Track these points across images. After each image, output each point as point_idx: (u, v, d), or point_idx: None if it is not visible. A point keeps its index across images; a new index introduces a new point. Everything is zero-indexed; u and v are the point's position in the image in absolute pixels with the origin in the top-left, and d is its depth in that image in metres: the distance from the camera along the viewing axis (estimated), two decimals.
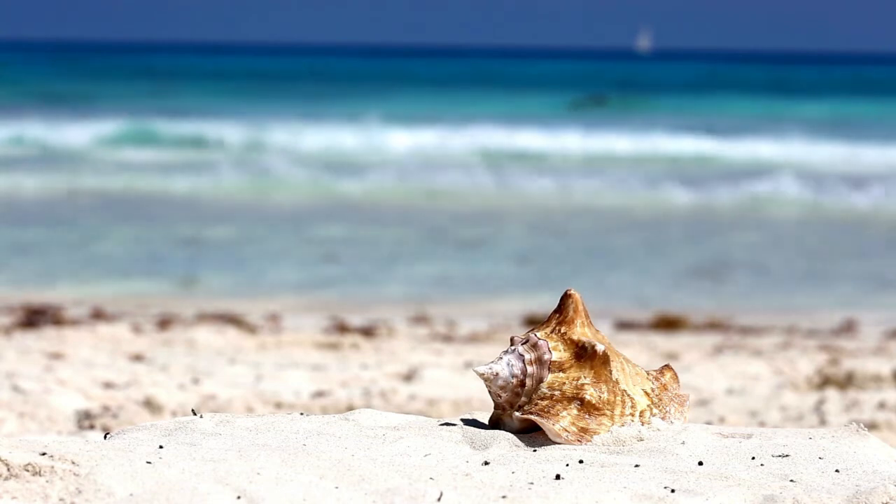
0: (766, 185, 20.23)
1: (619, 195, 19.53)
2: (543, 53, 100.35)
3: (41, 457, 2.75)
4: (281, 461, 2.84)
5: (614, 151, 25.58)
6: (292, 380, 6.65)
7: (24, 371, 6.56)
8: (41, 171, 21.48)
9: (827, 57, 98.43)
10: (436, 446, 3.03)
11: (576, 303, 3.18)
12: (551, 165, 24.00)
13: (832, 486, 2.82)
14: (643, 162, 24.36)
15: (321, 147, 26.15)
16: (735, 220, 17.19)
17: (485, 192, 19.93)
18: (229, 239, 14.55)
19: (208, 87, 48.07)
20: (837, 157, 24.99)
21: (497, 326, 9.36)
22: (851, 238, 15.83)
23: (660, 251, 14.17)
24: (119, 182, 20.17)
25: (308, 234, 15.10)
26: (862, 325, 9.75)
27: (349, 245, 14.27)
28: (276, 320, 9.38)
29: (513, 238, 15.14)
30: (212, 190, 19.72)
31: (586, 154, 25.31)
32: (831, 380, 6.91)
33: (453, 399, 6.17)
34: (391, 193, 19.50)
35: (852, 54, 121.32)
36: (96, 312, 9.27)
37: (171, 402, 5.77)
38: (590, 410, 3.10)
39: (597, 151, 25.51)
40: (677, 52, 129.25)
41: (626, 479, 2.83)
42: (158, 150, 25.17)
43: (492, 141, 26.91)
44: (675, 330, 9.37)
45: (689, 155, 25.33)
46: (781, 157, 24.87)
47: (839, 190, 20.09)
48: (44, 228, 15.26)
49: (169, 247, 13.81)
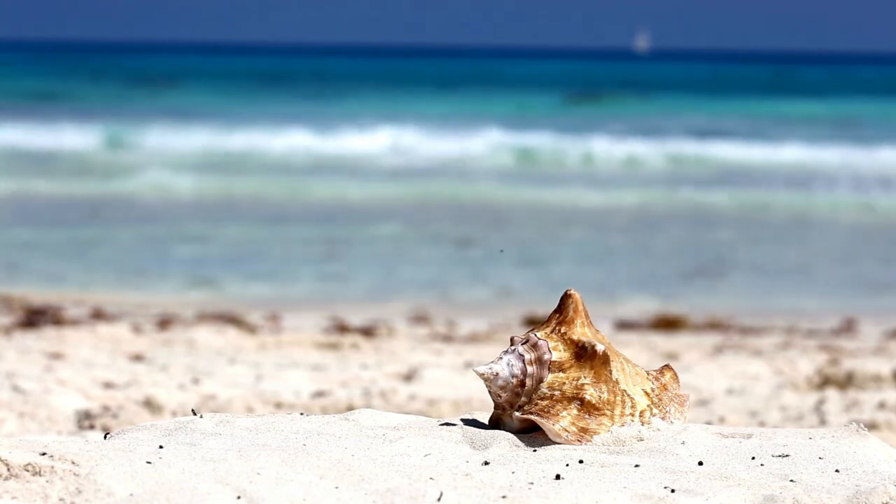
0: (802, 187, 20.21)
1: (609, 195, 19.53)
2: (541, 53, 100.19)
3: (41, 457, 2.75)
4: (281, 461, 2.84)
5: (599, 152, 25.53)
6: (292, 380, 6.65)
7: (24, 371, 6.56)
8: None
9: (827, 57, 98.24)
10: (436, 446, 3.03)
11: (576, 303, 3.18)
12: (547, 164, 24.00)
13: (832, 486, 2.82)
14: (628, 162, 24.32)
15: (319, 147, 26.14)
16: (732, 220, 17.20)
17: (484, 190, 19.93)
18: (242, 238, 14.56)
19: (210, 86, 48.04)
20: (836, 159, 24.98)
21: (497, 326, 9.36)
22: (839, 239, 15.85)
23: (649, 249, 14.17)
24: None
25: (307, 234, 15.10)
26: (862, 325, 9.75)
27: (348, 245, 14.27)
28: (276, 320, 9.38)
29: (512, 237, 15.14)
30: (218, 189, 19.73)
31: (580, 153, 25.27)
32: (831, 380, 6.91)
33: (453, 399, 6.17)
34: (389, 193, 19.49)
35: (853, 54, 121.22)
36: (96, 312, 9.27)
37: (171, 402, 5.77)
38: (590, 410, 3.10)
39: (586, 151, 25.46)
40: (676, 52, 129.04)
41: (626, 479, 2.83)
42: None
43: (492, 140, 26.90)
44: (675, 330, 9.37)
45: (677, 154, 25.29)
46: (777, 158, 24.86)
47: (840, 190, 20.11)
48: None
49: (183, 247, 13.81)
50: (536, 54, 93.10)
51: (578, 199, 19.06)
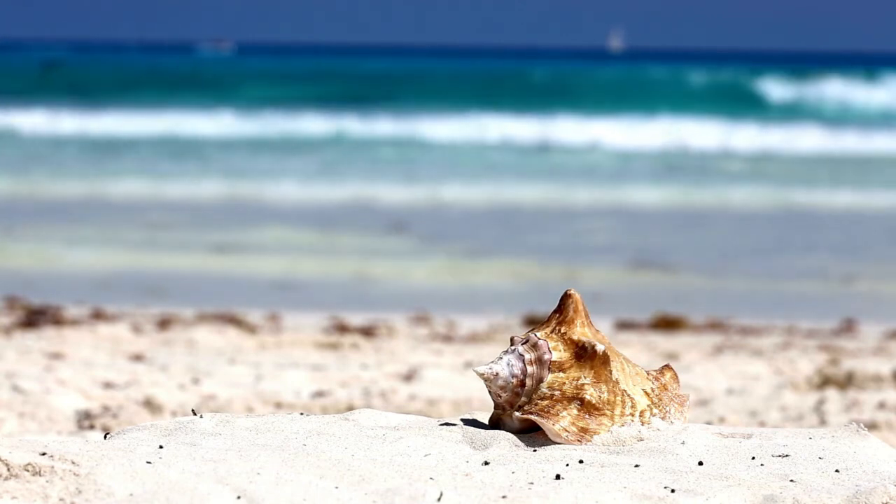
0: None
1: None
2: (512, 52, 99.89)
3: (41, 457, 2.75)
4: (281, 461, 2.84)
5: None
6: (292, 380, 6.64)
7: (24, 371, 6.56)
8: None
9: (800, 56, 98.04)
10: (436, 446, 3.03)
11: (576, 303, 3.18)
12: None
13: (832, 486, 2.82)
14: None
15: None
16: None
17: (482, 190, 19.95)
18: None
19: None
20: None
21: (497, 326, 9.36)
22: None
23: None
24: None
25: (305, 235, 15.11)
26: (862, 325, 9.75)
27: (350, 243, 14.28)
28: (276, 320, 9.38)
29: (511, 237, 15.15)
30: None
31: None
32: (831, 380, 6.91)
33: (453, 399, 6.17)
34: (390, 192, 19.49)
35: (825, 53, 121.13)
36: (96, 312, 9.27)
37: (171, 402, 5.77)
38: (590, 410, 3.10)
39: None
40: (649, 51, 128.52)
41: (626, 479, 2.83)
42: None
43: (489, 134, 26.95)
44: (675, 330, 9.37)
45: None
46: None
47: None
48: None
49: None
50: (507, 53, 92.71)
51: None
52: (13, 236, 14.29)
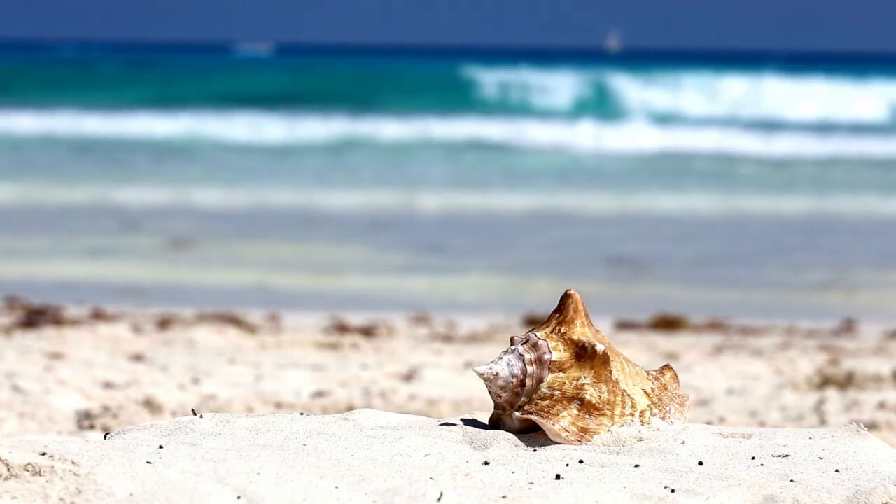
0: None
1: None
2: (508, 53, 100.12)
3: (41, 457, 2.75)
4: (281, 461, 2.84)
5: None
6: (292, 380, 6.64)
7: (24, 371, 6.55)
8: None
9: (803, 56, 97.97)
10: (436, 446, 3.03)
11: (576, 303, 3.18)
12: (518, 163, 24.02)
13: (832, 486, 2.82)
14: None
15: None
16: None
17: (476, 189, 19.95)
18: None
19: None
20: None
21: (497, 326, 9.36)
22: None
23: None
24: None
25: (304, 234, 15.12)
26: (862, 325, 9.75)
27: (350, 243, 14.28)
28: (276, 320, 9.38)
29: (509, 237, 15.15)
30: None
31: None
32: (831, 380, 6.91)
33: (453, 399, 6.17)
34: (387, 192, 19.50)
35: (825, 53, 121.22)
36: (96, 312, 9.27)
37: (171, 402, 5.77)
38: (590, 410, 3.10)
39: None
40: (647, 51, 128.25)
41: (626, 479, 2.83)
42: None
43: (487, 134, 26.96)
44: (675, 330, 9.37)
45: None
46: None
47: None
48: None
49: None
50: (504, 53, 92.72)
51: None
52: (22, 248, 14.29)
